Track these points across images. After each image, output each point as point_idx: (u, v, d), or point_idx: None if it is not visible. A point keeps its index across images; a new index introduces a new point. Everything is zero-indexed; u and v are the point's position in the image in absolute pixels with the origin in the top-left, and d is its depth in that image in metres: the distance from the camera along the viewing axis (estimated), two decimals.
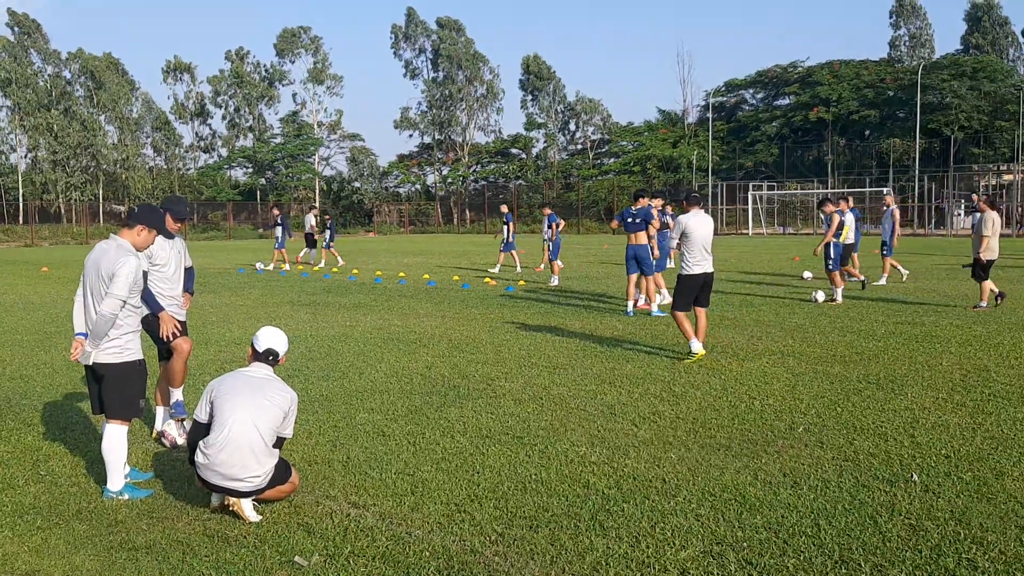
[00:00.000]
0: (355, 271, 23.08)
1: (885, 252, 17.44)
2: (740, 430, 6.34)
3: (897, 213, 17.85)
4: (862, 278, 16.21)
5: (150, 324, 6.19)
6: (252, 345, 5.07)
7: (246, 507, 4.64)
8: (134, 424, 6.75)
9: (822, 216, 15.15)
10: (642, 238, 12.90)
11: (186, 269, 6.66)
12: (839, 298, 14.08)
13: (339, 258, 25.92)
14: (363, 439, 6.23)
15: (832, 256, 14.40)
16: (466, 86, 71.43)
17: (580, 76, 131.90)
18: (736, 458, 5.66)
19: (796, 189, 57.39)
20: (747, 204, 54.95)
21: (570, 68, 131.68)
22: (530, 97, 72.09)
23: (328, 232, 25.95)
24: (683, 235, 9.29)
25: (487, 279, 19.68)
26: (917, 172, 53.18)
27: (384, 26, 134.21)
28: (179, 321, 6.47)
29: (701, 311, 9.43)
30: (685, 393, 7.58)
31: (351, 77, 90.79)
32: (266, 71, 72.64)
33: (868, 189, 51.66)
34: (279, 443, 4.88)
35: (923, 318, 12.09)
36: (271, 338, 5.05)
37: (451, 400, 7.44)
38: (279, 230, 25.36)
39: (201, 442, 4.72)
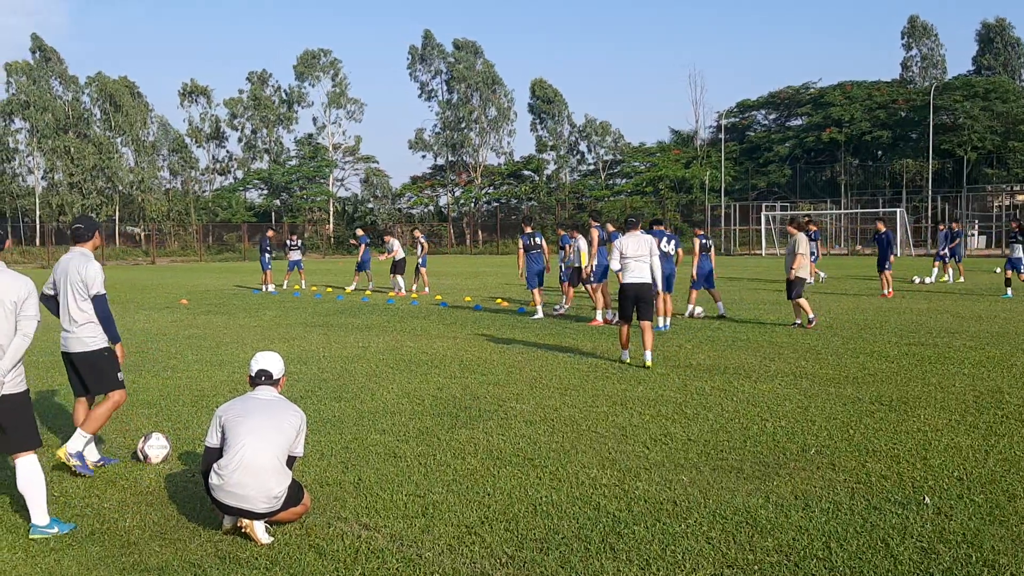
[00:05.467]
0: (368, 292, 23.24)
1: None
2: (752, 452, 6.33)
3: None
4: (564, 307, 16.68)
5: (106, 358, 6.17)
6: (248, 372, 5.15)
7: (258, 529, 4.67)
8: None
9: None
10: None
11: None
12: (693, 313, 15.40)
13: (271, 282, 24.86)
14: (374, 460, 6.25)
15: (696, 276, 15.43)
16: (480, 108, 71.79)
17: (593, 97, 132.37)
18: (747, 480, 5.65)
19: (809, 210, 57.31)
20: (760, 225, 54.94)
21: (583, 89, 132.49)
22: (539, 120, 72.36)
23: (267, 255, 24.66)
24: (621, 254, 10.40)
25: (499, 300, 19.72)
26: (930, 193, 53.04)
27: (401, 48, 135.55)
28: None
29: (646, 325, 10.37)
30: (697, 415, 7.57)
31: (367, 98, 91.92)
32: (285, 93, 73.15)
33: (881, 209, 51.50)
34: (291, 462, 4.92)
35: (936, 339, 12.03)
36: (262, 360, 5.13)
37: (462, 421, 7.46)
38: (296, 253, 26.39)
39: (215, 464, 4.75)
